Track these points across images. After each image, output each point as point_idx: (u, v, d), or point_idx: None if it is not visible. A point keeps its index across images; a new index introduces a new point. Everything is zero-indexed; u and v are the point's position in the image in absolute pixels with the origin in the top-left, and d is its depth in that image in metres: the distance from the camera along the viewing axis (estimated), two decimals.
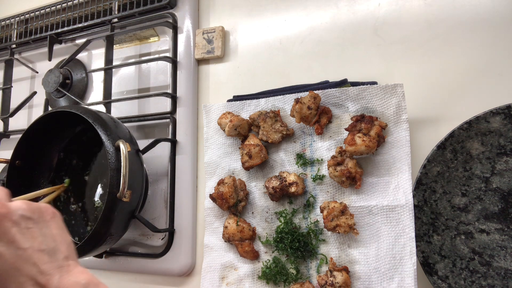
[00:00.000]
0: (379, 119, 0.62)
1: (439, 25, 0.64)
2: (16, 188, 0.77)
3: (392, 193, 0.60)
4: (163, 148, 0.79)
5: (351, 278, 0.60)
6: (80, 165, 0.82)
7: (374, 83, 0.65)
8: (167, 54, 0.84)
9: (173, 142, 0.78)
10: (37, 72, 1.04)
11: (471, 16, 0.62)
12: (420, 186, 0.59)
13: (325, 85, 0.67)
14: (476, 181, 0.58)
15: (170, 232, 0.75)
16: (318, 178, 0.65)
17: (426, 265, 0.57)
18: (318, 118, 0.65)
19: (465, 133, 0.57)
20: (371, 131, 0.59)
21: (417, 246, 0.58)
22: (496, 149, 0.57)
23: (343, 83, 0.66)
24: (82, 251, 0.65)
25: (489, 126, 0.56)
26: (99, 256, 0.79)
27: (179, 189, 0.76)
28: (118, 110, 0.87)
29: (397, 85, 0.60)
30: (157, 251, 0.77)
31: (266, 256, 0.68)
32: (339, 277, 0.58)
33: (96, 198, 0.78)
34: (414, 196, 0.59)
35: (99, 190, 0.78)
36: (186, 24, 0.83)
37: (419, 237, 0.58)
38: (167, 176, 0.78)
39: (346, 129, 0.61)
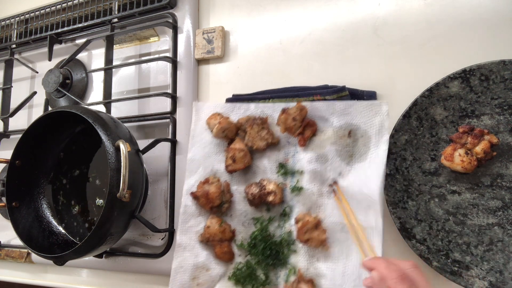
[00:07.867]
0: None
1: (439, 25, 0.64)
2: (16, 188, 0.77)
3: (363, 213, 0.59)
4: (163, 148, 0.79)
5: None
6: (80, 166, 0.82)
7: (373, 92, 0.65)
8: (167, 54, 0.84)
9: (173, 142, 0.78)
10: (37, 72, 1.04)
11: (471, 16, 0.62)
12: (391, 155, 0.61)
13: (323, 90, 0.66)
14: (443, 145, 0.60)
15: (170, 232, 0.75)
16: (297, 190, 0.65)
17: (403, 230, 0.58)
18: (303, 130, 0.66)
19: (427, 100, 0.59)
20: (476, 146, 0.56)
21: (393, 213, 0.59)
22: (458, 112, 0.59)
23: (341, 90, 0.65)
24: (82, 251, 0.65)
25: (449, 91, 0.58)
26: (99, 256, 0.79)
27: (179, 189, 0.76)
28: (118, 110, 0.86)
29: (382, 103, 0.61)
30: (157, 251, 0.76)
31: (240, 259, 0.68)
32: None
33: (97, 198, 0.78)
34: (386, 165, 0.59)
35: (99, 190, 0.78)
36: (186, 24, 0.83)
37: (394, 204, 0.60)
38: (167, 176, 0.78)
39: (450, 138, 0.59)
